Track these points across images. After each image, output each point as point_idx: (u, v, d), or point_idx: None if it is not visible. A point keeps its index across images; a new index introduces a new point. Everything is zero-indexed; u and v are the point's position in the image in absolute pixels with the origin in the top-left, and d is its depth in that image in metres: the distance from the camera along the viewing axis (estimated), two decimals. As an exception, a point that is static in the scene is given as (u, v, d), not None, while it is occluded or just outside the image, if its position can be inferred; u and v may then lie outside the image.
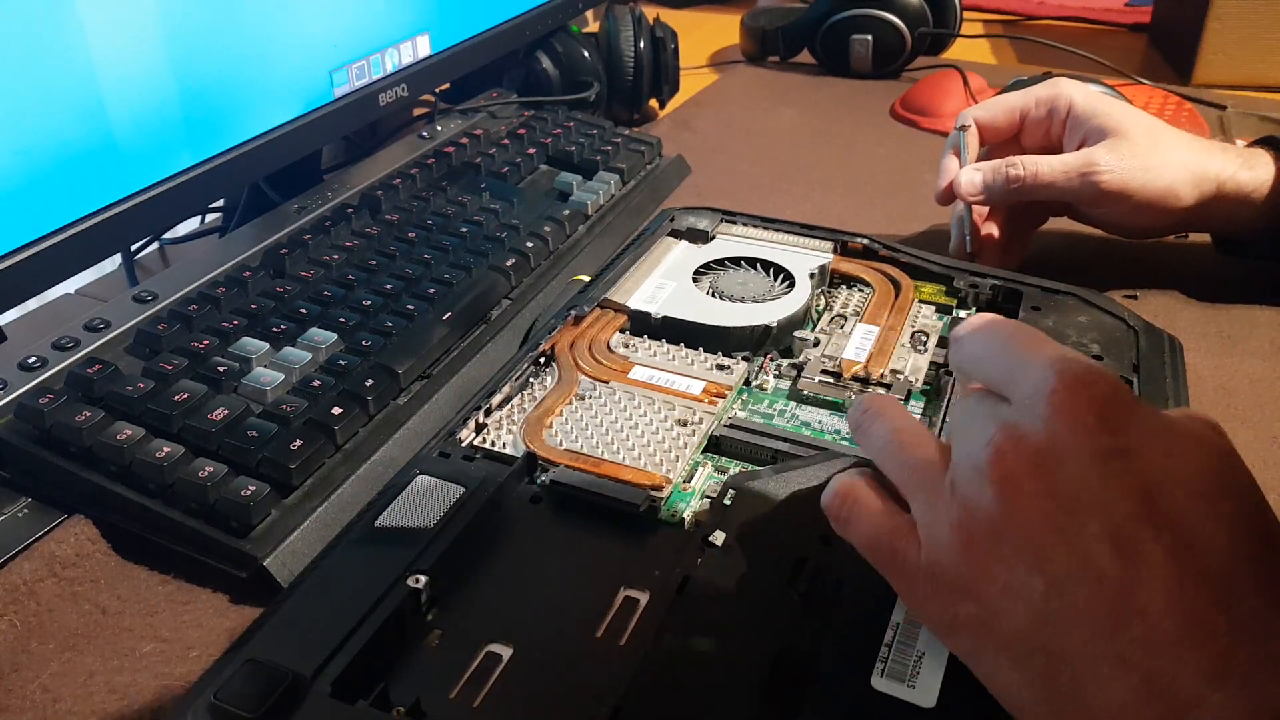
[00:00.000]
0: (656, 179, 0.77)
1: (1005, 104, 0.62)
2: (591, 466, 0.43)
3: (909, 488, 0.34)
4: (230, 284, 0.55)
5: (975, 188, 0.60)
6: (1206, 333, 0.59)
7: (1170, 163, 0.58)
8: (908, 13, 1.00)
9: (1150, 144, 0.58)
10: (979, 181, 0.60)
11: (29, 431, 0.45)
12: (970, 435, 0.32)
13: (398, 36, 0.70)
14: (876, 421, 0.36)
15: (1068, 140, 0.61)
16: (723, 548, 0.39)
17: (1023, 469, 0.30)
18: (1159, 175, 0.58)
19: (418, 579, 0.37)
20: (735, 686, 0.34)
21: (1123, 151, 0.58)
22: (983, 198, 0.60)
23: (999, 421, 0.31)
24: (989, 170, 0.59)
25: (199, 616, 0.41)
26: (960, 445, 0.32)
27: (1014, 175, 0.59)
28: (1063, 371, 0.30)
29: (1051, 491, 0.29)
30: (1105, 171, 0.57)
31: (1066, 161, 0.58)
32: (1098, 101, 0.60)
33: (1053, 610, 0.28)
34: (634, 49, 0.89)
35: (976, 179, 0.60)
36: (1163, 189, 0.58)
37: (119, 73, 0.51)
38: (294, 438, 0.45)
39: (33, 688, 0.38)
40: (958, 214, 0.62)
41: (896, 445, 0.35)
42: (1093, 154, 0.58)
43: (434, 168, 0.71)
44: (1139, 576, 0.28)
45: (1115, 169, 0.57)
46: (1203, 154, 0.59)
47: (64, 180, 0.49)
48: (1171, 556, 0.28)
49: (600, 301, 0.55)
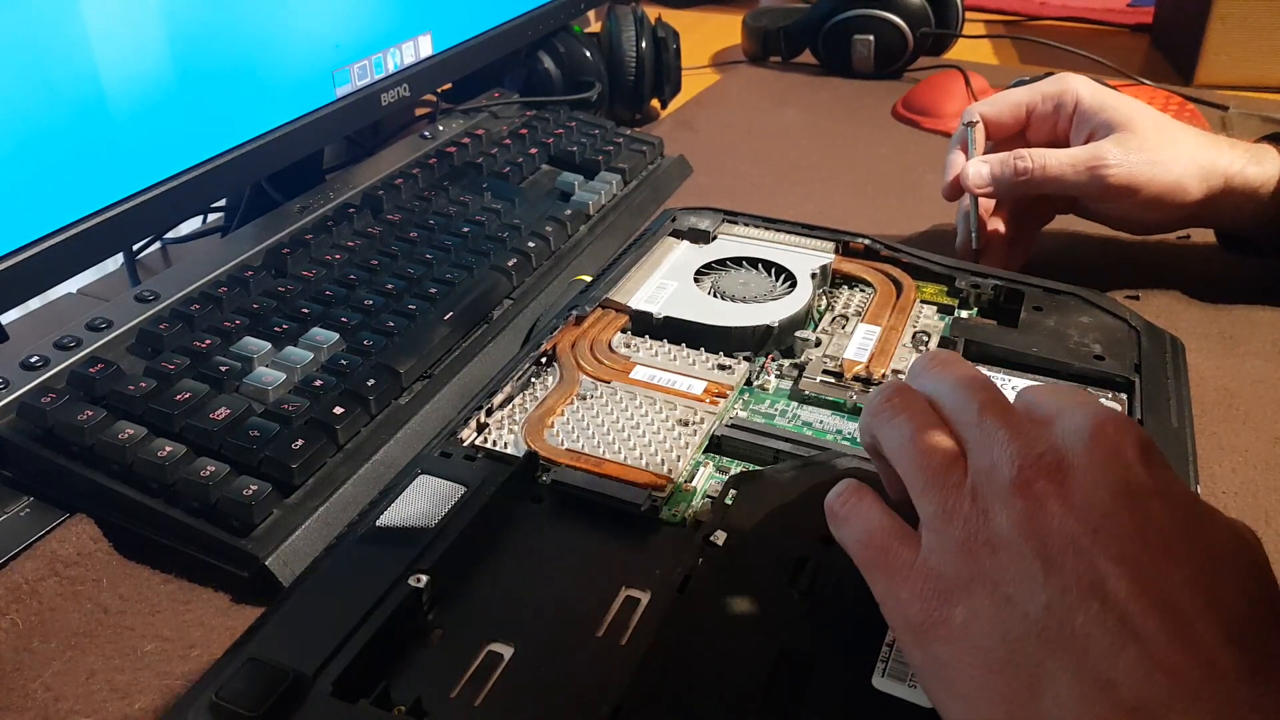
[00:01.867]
0: (658, 179, 0.77)
1: (1011, 100, 0.62)
2: (593, 466, 0.43)
3: (922, 486, 0.33)
4: (232, 283, 0.55)
5: (983, 180, 0.59)
6: (1208, 333, 0.59)
7: (1178, 157, 0.58)
8: (910, 13, 1.00)
9: (1158, 138, 0.58)
10: (986, 174, 0.59)
11: (31, 431, 0.45)
12: (996, 445, 0.31)
13: (400, 36, 0.70)
14: (900, 416, 0.35)
15: (1074, 135, 0.61)
16: (724, 547, 0.39)
17: (1053, 487, 0.30)
18: (1167, 169, 0.57)
19: (419, 578, 0.37)
20: (736, 686, 0.34)
21: (1131, 145, 0.57)
22: (990, 190, 0.60)
23: (1035, 439, 0.31)
24: (997, 162, 0.59)
25: (200, 616, 0.41)
26: (983, 455, 0.32)
27: (1022, 167, 0.58)
28: (1109, 413, 0.31)
29: (1078, 513, 0.29)
30: (1113, 165, 0.57)
31: (1074, 155, 0.58)
32: (1105, 96, 0.60)
33: (1048, 626, 0.28)
34: (636, 49, 0.89)
35: (984, 171, 0.59)
36: (1171, 183, 0.58)
37: (121, 72, 0.51)
38: (295, 437, 0.45)
39: (35, 686, 0.38)
40: (964, 209, 0.62)
41: (917, 443, 0.34)
42: (1100, 147, 0.58)
43: (436, 168, 0.71)
44: (1146, 607, 0.27)
45: (1123, 162, 0.57)
46: (1211, 148, 0.59)
47: (66, 179, 0.49)
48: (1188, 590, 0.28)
49: (602, 301, 0.55)
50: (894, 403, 0.35)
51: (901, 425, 0.34)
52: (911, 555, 0.32)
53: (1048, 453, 0.31)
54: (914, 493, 0.33)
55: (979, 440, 0.32)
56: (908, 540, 0.32)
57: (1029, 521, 0.29)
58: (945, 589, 0.30)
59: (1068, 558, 0.29)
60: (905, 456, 0.34)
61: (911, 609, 0.31)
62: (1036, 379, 0.50)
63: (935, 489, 0.32)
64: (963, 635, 0.29)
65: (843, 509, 0.35)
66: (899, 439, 0.34)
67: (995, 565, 0.30)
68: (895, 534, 0.33)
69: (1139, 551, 0.28)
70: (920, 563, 0.31)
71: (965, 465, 0.32)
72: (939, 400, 0.35)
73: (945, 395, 0.35)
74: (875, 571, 0.33)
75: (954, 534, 0.31)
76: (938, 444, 0.33)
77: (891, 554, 0.32)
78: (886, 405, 0.35)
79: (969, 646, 0.29)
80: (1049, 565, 0.29)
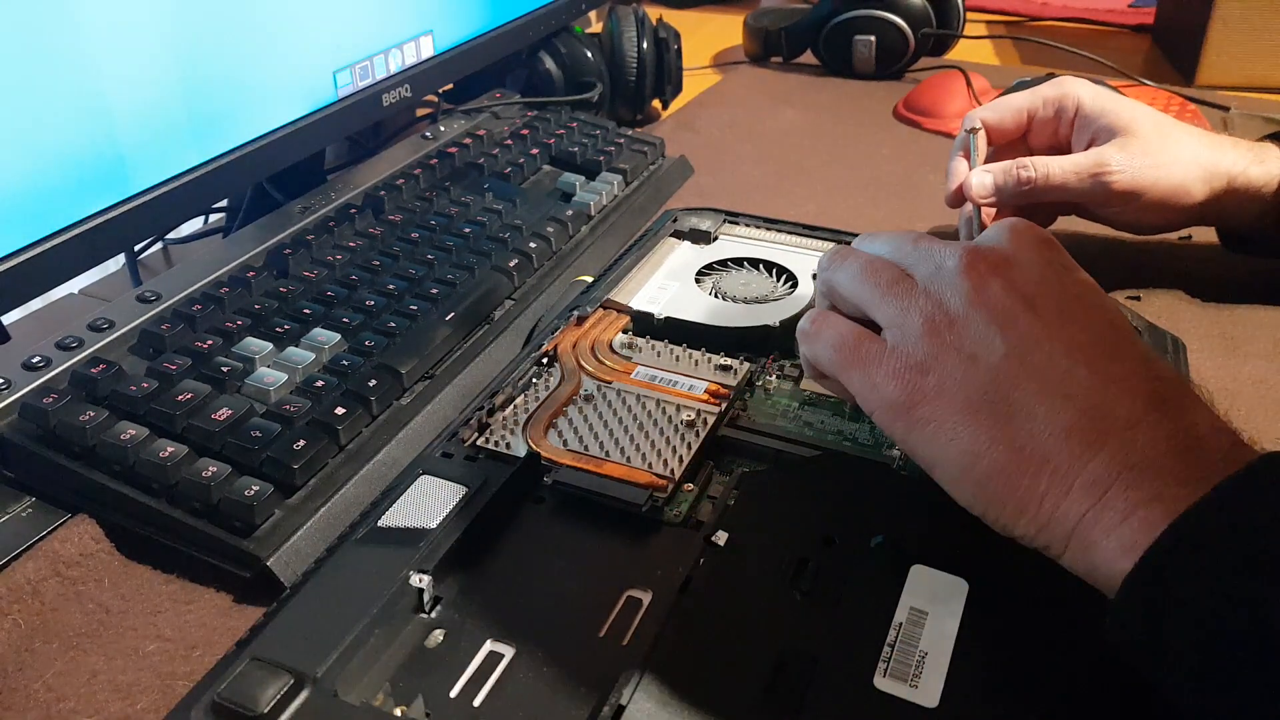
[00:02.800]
0: (659, 180, 0.77)
1: (1012, 105, 0.62)
2: (594, 467, 0.43)
3: (880, 298, 0.39)
4: (234, 284, 0.55)
5: (986, 189, 0.59)
6: (1210, 334, 0.59)
7: (1181, 159, 0.58)
8: (911, 14, 1.00)
9: (1160, 141, 0.58)
10: (990, 184, 0.59)
11: (33, 431, 0.45)
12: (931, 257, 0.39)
13: (401, 37, 0.70)
14: (849, 258, 0.41)
15: (1076, 140, 0.60)
16: (725, 548, 0.39)
17: (989, 271, 0.37)
18: (1170, 172, 0.57)
19: (420, 578, 0.37)
20: (738, 686, 0.34)
21: (1133, 149, 0.57)
22: (993, 200, 0.60)
23: (964, 244, 0.39)
24: (1000, 172, 0.59)
25: (202, 616, 0.41)
26: (927, 263, 0.39)
27: (1025, 177, 0.58)
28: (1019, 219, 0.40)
29: (1014, 287, 0.37)
30: (1116, 171, 0.57)
31: (1077, 162, 0.58)
32: (1106, 100, 0.59)
33: (1009, 368, 0.35)
34: (637, 49, 0.89)
35: (988, 181, 0.59)
36: (1174, 186, 0.58)
37: (123, 73, 0.51)
38: (297, 438, 0.45)
39: (36, 686, 0.38)
40: (966, 216, 0.62)
41: (869, 270, 0.40)
42: (1103, 153, 0.57)
43: (437, 168, 0.71)
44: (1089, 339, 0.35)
45: (1126, 168, 0.57)
46: (1214, 149, 0.59)
47: (68, 180, 0.49)
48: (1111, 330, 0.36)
49: (603, 302, 0.55)
50: (841, 252, 0.42)
51: (850, 263, 0.41)
52: (881, 348, 0.38)
53: (979, 249, 0.38)
54: (873, 307, 0.39)
55: (920, 256, 0.39)
56: (874, 340, 0.39)
57: (979, 294, 0.37)
58: (916, 364, 0.37)
59: (1017, 316, 0.36)
60: (859, 283, 0.40)
61: (889, 388, 0.37)
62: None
63: (891, 296, 0.39)
64: (938, 394, 0.36)
65: (812, 326, 0.41)
66: (852, 272, 0.41)
67: (955, 334, 0.36)
68: (863, 335, 0.39)
69: (1071, 306, 0.37)
70: (890, 350, 0.38)
71: (911, 277, 0.39)
72: (879, 250, 0.42)
73: (881, 244, 0.42)
74: (851, 369, 0.39)
75: (914, 321, 0.37)
76: (885, 266, 0.40)
77: (863, 349, 0.38)
78: (835, 256, 0.42)
79: (946, 401, 0.36)
80: (1002, 323, 0.36)
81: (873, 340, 0.39)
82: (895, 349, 0.37)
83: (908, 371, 0.37)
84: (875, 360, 0.38)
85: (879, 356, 0.38)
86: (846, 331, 0.40)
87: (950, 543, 0.38)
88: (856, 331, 0.39)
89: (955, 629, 0.35)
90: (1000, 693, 0.34)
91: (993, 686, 0.34)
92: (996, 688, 0.34)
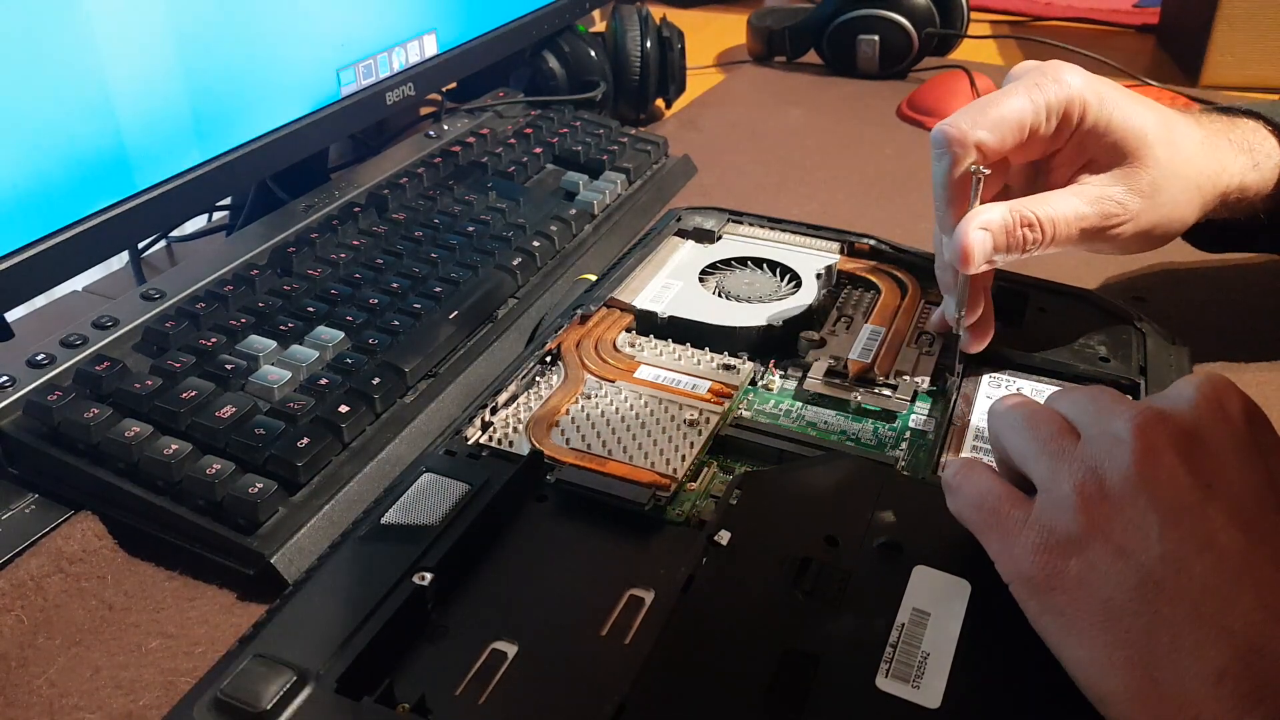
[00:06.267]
0: (663, 179, 0.77)
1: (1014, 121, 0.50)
2: (597, 465, 0.43)
3: (1035, 452, 0.35)
4: (238, 282, 0.55)
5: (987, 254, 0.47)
6: (1212, 334, 0.59)
7: (1186, 190, 0.51)
8: (915, 13, 1.00)
9: (1169, 171, 0.50)
10: (989, 248, 0.47)
11: (37, 428, 0.45)
12: (1106, 414, 0.33)
13: (405, 36, 0.70)
14: (1018, 405, 0.37)
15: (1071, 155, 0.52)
16: (728, 547, 0.39)
17: (1164, 442, 0.32)
18: (1174, 206, 0.51)
19: (423, 576, 0.37)
20: (740, 686, 0.34)
21: (1141, 187, 0.50)
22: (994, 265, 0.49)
23: (1143, 404, 0.33)
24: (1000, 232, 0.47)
25: (205, 613, 0.41)
26: (1094, 424, 0.34)
27: (1031, 238, 0.48)
28: (1211, 377, 0.34)
29: (1190, 467, 0.31)
30: (1124, 220, 0.50)
31: (1082, 215, 0.49)
32: (1111, 113, 0.50)
33: (1164, 577, 0.30)
34: (640, 49, 0.89)
35: (988, 246, 0.47)
36: (1176, 221, 0.52)
37: (127, 71, 0.51)
38: (301, 435, 0.45)
39: (39, 682, 0.38)
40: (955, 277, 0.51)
41: (1031, 420, 0.36)
42: (1107, 201, 0.49)
43: (440, 167, 0.71)
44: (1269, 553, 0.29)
45: (1134, 216, 0.50)
46: (1213, 167, 0.53)
47: (72, 178, 0.49)
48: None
49: (606, 301, 0.55)
50: (1012, 400, 0.38)
51: (1017, 410, 0.37)
52: (1024, 514, 0.34)
53: (1158, 413, 0.32)
54: (1027, 462, 0.35)
55: (1090, 412, 0.34)
56: (1019, 502, 0.34)
57: (1145, 467, 0.31)
58: (1059, 543, 0.32)
59: (1187, 507, 0.30)
60: (1018, 432, 0.36)
61: (1026, 564, 0.33)
62: (1041, 381, 0.50)
63: (1047, 453, 0.34)
64: (1079, 586, 0.31)
65: (955, 479, 0.37)
66: (1014, 420, 0.37)
67: (1107, 514, 0.31)
68: (1006, 497, 0.35)
69: (1251, 504, 0.30)
70: (1033, 520, 0.33)
71: (1077, 435, 0.34)
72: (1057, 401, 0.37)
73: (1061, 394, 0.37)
74: (989, 532, 0.35)
75: (1065, 488, 0.32)
76: (1050, 417, 0.36)
77: (1004, 514, 0.34)
78: (1008, 398, 0.38)
79: (1086, 596, 0.31)
80: (1165, 512, 0.30)
81: (1017, 505, 0.34)
82: (1039, 520, 0.33)
83: (1049, 550, 0.32)
84: (1016, 529, 0.33)
85: (1020, 526, 0.33)
86: (988, 490, 0.35)
87: (953, 544, 0.38)
88: (1000, 492, 0.35)
89: (957, 630, 0.35)
90: (1002, 694, 0.34)
91: (995, 688, 0.34)
92: (998, 689, 0.34)
